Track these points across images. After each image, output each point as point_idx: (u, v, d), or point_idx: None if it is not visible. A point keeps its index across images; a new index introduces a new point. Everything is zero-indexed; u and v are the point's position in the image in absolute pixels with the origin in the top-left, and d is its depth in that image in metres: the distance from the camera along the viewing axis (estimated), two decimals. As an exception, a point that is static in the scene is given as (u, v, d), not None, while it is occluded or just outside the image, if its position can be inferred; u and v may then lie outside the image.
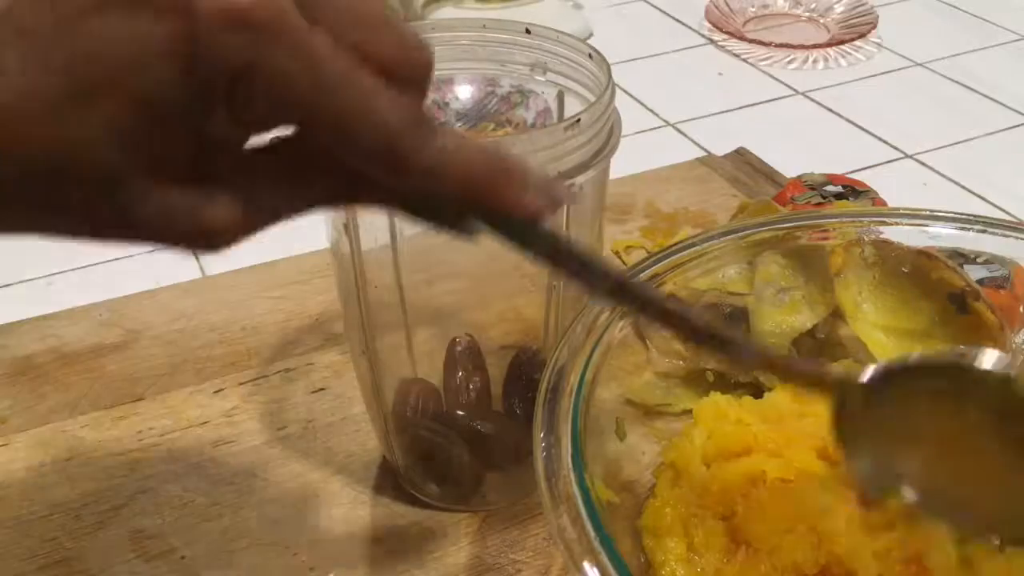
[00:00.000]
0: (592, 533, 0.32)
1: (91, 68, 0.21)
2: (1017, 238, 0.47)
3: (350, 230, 0.41)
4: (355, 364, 0.48)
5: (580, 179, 0.39)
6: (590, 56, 0.43)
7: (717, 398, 0.44)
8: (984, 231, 0.47)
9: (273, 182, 0.25)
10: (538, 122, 0.48)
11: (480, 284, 0.46)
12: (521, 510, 0.48)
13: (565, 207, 0.40)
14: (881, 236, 0.49)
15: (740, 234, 0.47)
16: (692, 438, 0.42)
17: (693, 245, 0.46)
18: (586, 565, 0.31)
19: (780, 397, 0.44)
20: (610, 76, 0.41)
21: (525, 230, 0.26)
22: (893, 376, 0.33)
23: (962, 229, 0.48)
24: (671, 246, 0.46)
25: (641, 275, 0.44)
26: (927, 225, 0.48)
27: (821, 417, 0.41)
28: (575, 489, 0.34)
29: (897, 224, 0.48)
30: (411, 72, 0.25)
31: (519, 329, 0.48)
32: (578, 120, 0.38)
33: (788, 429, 0.41)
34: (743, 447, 0.41)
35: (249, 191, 0.24)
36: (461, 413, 0.47)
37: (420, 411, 0.47)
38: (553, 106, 0.47)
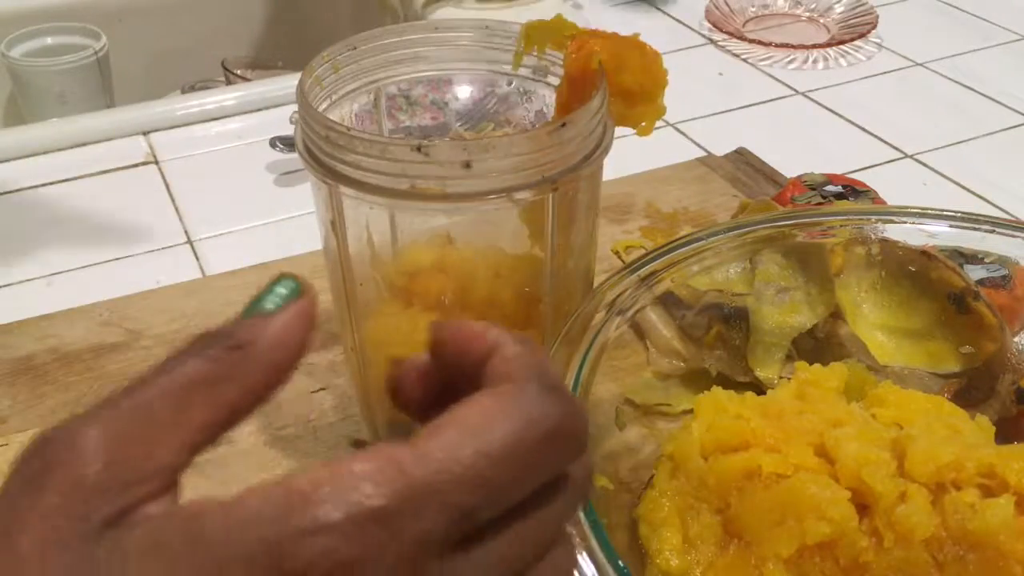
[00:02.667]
0: (582, 517, 0.32)
1: None
2: (1017, 238, 0.47)
3: (337, 227, 0.41)
4: (347, 361, 0.48)
5: (571, 181, 0.39)
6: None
7: (718, 392, 0.44)
8: (984, 231, 0.47)
9: None
10: (537, 123, 0.48)
11: (476, 284, 0.46)
12: (521, 510, 0.48)
13: (552, 209, 0.40)
14: (881, 236, 0.49)
15: (740, 231, 0.47)
16: (691, 431, 0.42)
17: (692, 241, 0.46)
18: (575, 548, 0.32)
19: (782, 393, 0.44)
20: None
21: None
22: None
23: (962, 229, 0.48)
24: (670, 242, 0.46)
25: (640, 271, 0.44)
26: (927, 224, 0.48)
27: (821, 414, 0.42)
28: None
29: (897, 223, 0.48)
30: None
31: (517, 329, 0.48)
32: (563, 124, 0.38)
33: (787, 425, 0.41)
34: (741, 441, 0.41)
35: None
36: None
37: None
38: (552, 107, 0.47)
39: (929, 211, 0.48)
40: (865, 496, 0.38)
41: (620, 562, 0.32)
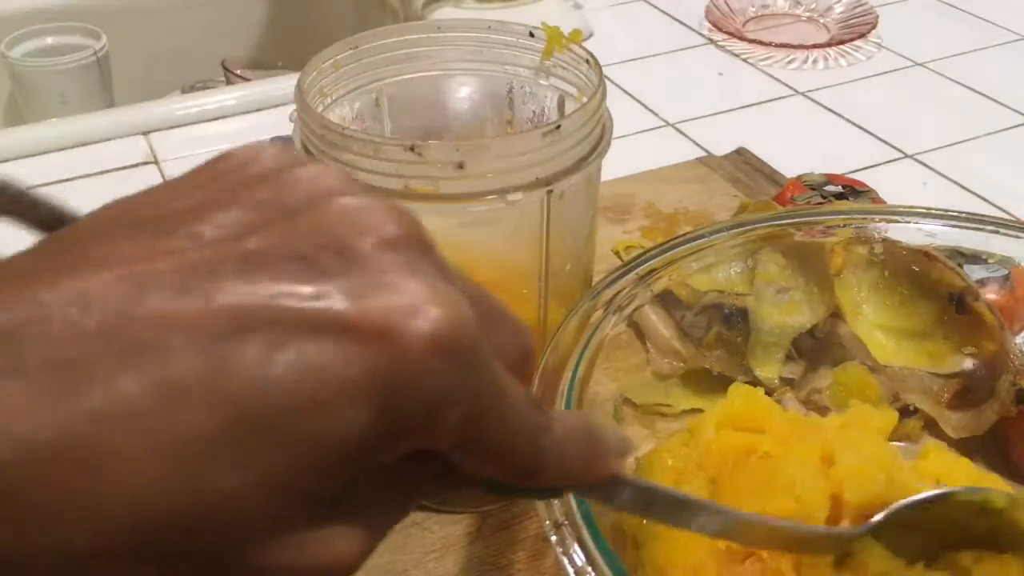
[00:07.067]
0: (575, 508, 0.32)
1: (257, 418, 0.17)
2: (1017, 238, 0.47)
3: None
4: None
5: (567, 182, 0.39)
6: (587, 61, 0.43)
7: (754, 389, 0.44)
8: (984, 231, 0.47)
9: (391, 496, 0.21)
10: (538, 123, 0.48)
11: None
12: (520, 510, 0.48)
13: (546, 211, 0.40)
14: (881, 235, 0.49)
15: (739, 230, 0.47)
16: (715, 407, 0.43)
17: (690, 240, 0.46)
18: (568, 539, 0.32)
19: (829, 420, 0.44)
20: (601, 80, 0.41)
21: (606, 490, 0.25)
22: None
23: (962, 229, 0.48)
24: (668, 240, 0.46)
25: (638, 269, 0.44)
26: (926, 224, 0.48)
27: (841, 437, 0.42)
28: None
29: (897, 223, 0.48)
30: (523, 363, 0.23)
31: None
32: (558, 126, 0.38)
33: (807, 430, 0.42)
34: (756, 425, 0.42)
35: (367, 510, 0.20)
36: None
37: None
38: (554, 109, 0.47)
39: (929, 211, 0.48)
40: (841, 507, 0.38)
41: (611, 552, 0.32)
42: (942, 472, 0.41)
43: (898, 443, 0.46)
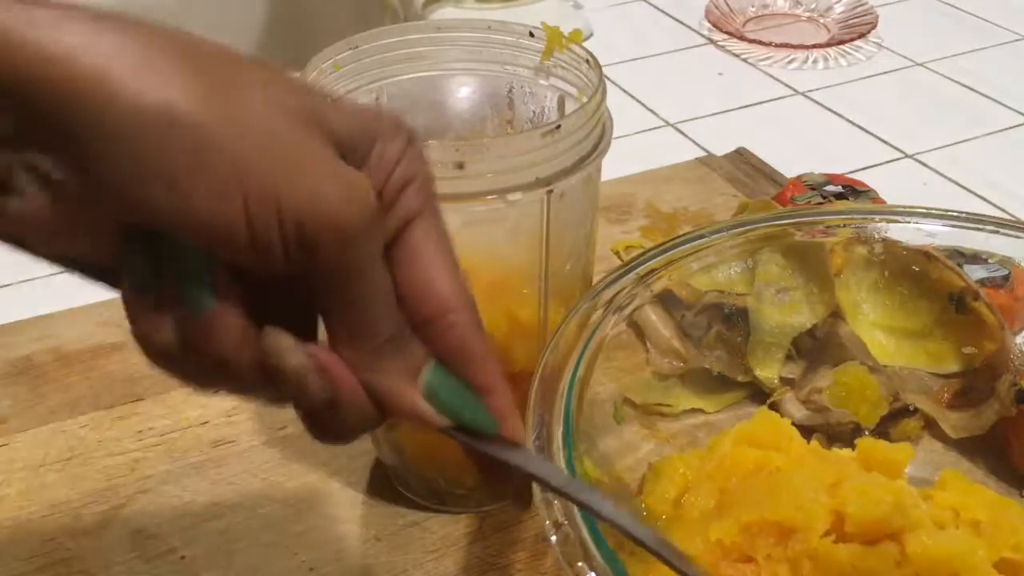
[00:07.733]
0: (576, 508, 0.32)
1: None
2: (1017, 238, 0.47)
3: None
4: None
5: (567, 182, 0.39)
6: (587, 62, 0.43)
7: (785, 420, 0.45)
8: (984, 231, 0.47)
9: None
10: (538, 123, 0.48)
11: (472, 286, 0.46)
12: (520, 510, 0.48)
13: (546, 210, 0.40)
14: (881, 235, 0.49)
15: (739, 230, 0.47)
16: (737, 427, 0.43)
17: (690, 240, 0.46)
18: (568, 539, 0.32)
19: (846, 453, 0.44)
20: (601, 80, 0.41)
21: None
22: None
23: (962, 229, 0.48)
24: (668, 240, 0.46)
25: (638, 269, 0.44)
26: (926, 224, 0.48)
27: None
28: (562, 465, 0.34)
29: (897, 223, 0.48)
30: None
31: (515, 332, 0.48)
32: (558, 126, 0.38)
33: (823, 458, 0.42)
34: (774, 446, 0.42)
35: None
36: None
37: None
38: (553, 109, 0.47)
39: (929, 211, 0.48)
40: (844, 522, 0.38)
41: (612, 553, 0.32)
42: (960, 502, 0.41)
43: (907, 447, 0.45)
